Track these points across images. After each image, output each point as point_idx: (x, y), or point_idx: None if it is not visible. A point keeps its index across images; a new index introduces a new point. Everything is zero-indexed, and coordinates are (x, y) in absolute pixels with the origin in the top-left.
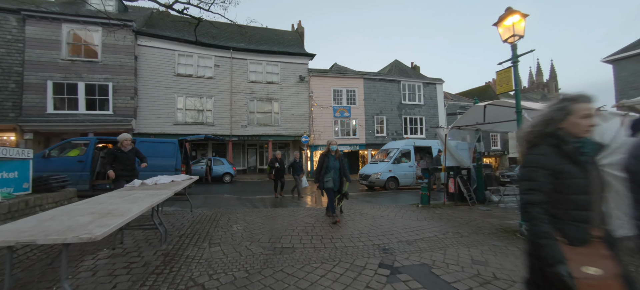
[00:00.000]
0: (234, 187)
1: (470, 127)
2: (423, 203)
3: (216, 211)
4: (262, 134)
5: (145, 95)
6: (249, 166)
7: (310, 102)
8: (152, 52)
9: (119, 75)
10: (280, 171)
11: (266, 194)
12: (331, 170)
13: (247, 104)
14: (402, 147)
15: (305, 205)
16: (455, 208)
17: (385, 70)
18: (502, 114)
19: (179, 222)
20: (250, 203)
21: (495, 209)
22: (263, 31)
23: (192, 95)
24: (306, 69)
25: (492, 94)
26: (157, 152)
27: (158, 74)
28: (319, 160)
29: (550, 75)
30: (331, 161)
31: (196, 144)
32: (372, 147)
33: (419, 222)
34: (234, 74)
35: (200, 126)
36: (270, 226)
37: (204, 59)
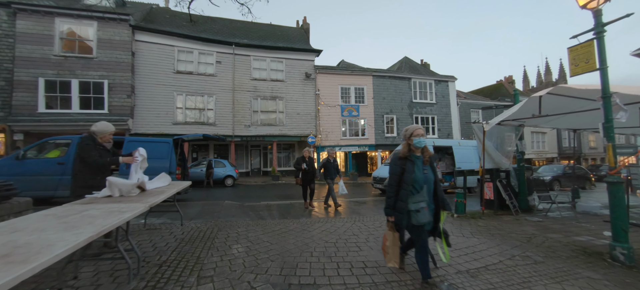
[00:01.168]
0: (236, 192)
1: (518, 121)
2: (459, 212)
3: (213, 224)
4: (266, 134)
5: (142, 93)
6: (252, 168)
7: (316, 101)
8: (150, 48)
9: (115, 73)
10: (309, 174)
11: (271, 199)
12: (421, 188)
13: (250, 103)
14: None
15: (321, 215)
16: (498, 218)
17: (394, 67)
18: (565, 104)
19: (163, 242)
20: (255, 212)
21: (547, 220)
22: (266, 27)
23: (192, 94)
24: (312, 65)
25: (504, 92)
26: (148, 153)
27: (156, 71)
28: (391, 167)
29: (559, 74)
30: (418, 170)
31: (197, 145)
32: (382, 148)
33: (467, 239)
34: (236, 71)
35: (201, 126)
36: (281, 247)
37: (204, 55)
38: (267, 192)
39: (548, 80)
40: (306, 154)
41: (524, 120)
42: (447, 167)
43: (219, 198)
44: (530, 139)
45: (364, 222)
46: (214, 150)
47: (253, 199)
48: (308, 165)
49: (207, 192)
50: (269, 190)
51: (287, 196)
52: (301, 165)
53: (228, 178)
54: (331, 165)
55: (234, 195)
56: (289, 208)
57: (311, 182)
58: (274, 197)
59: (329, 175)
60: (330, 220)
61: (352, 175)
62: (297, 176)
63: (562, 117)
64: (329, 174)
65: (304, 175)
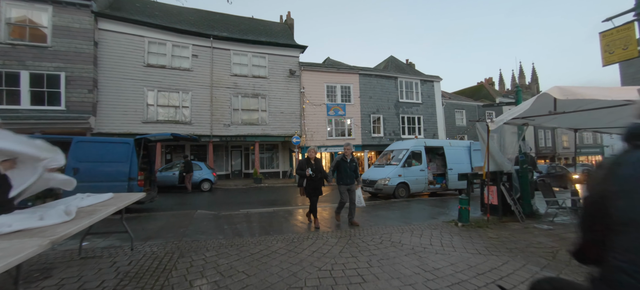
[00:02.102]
0: (213, 198)
1: (527, 119)
2: (463, 220)
3: (175, 246)
4: (248, 134)
5: (107, 88)
6: (232, 170)
7: (301, 99)
8: (117, 39)
9: (74, 64)
10: (316, 181)
11: (252, 205)
12: None
13: (230, 100)
14: (412, 147)
15: (312, 229)
16: (505, 226)
17: (380, 66)
18: (585, 101)
19: (97, 280)
20: (231, 225)
21: (557, 227)
22: (248, 21)
23: (165, 90)
24: (297, 62)
25: (485, 93)
26: (102, 156)
27: (124, 63)
28: None
29: (532, 77)
30: None
31: (171, 147)
32: (369, 149)
33: (484, 256)
34: (215, 65)
35: (176, 125)
36: (261, 280)
37: (179, 48)
38: (248, 197)
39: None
40: (311, 154)
41: (530, 119)
42: (438, 167)
43: (191, 206)
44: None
45: (362, 238)
46: (191, 152)
47: (231, 206)
48: (315, 171)
49: (180, 198)
50: (250, 195)
51: (270, 202)
52: (305, 171)
53: (205, 182)
54: (347, 166)
55: (209, 202)
56: (272, 217)
57: (319, 192)
58: (255, 203)
59: (343, 179)
60: (321, 237)
61: None
62: (300, 185)
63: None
64: (343, 178)
65: (310, 183)
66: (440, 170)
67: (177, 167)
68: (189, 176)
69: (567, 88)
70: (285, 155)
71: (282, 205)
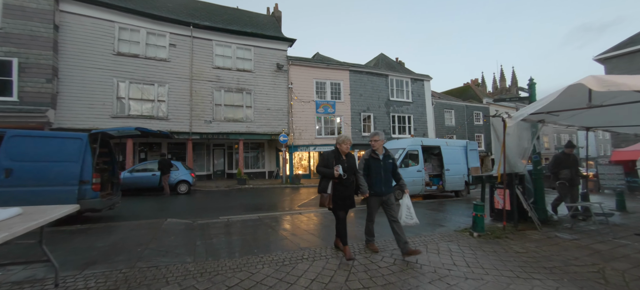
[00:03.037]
0: (190, 201)
1: (544, 116)
2: (479, 230)
3: (120, 278)
4: (231, 131)
5: (70, 78)
6: (215, 170)
7: (289, 95)
8: (82, 22)
9: (29, 50)
10: (348, 188)
11: (234, 211)
12: None
13: (212, 95)
14: (408, 147)
15: (298, 239)
16: (524, 236)
17: (371, 63)
18: (627, 95)
19: None
20: (206, 238)
21: (582, 236)
22: (232, 11)
23: (138, 81)
24: (285, 56)
25: (472, 93)
26: (46, 154)
27: (90, 51)
28: None
29: (512, 81)
30: None
31: (147, 144)
32: (359, 148)
33: (526, 281)
34: (195, 56)
35: (151, 121)
36: None
37: (155, 36)
38: (230, 200)
39: (502, 86)
40: (343, 147)
41: (554, 114)
42: (434, 168)
43: (162, 213)
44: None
45: (370, 257)
46: (168, 150)
47: (210, 212)
48: (347, 171)
49: (152, 203)
50: (233, 198)
51: (255, 206)
52: (334, 170)
53: (181, 184)
54: (380, 165)
55: (185, 206)
56: (256, 228)
57: (350, 203)
58: (238, 208)
59: (375, 186)
60: (319, 257)
61: None
62: (323, 191)
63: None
64: (375, 185)
65: (339, 189)
66: (436, 171)
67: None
68: (165, 177)
69: (606, 78)
70: (271, 155)
71: (268, 210)
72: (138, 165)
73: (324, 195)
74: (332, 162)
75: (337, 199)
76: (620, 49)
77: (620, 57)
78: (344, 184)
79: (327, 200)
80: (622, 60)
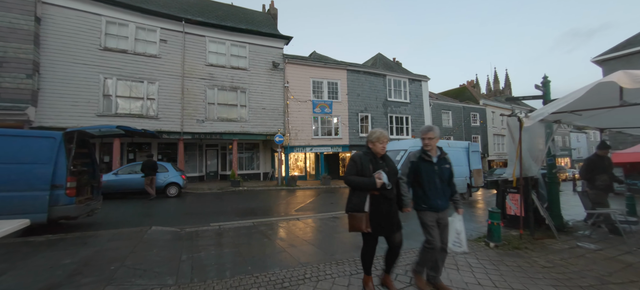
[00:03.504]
0: (179, 206)
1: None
2: (495, 240)
3: None
4: (225, 131)
5: (52, 73)
6: (207, 172)
7: (285, 95)
8: (66, 15)
9: (7, 42)
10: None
11: (227, 216)
12: None
13: (204, 93)
14: (410, 148)
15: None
16: (544, 246)
17: (368, 63)
18: None
19: None
20: (192, 253)
21: (605, 246)
22: (227, 7)
23: (126, 78)
24: (281, 54)
25: (468, 95)
26: (12, 154)
27: (74, 45)
28: None
29: (505, 83)
30: None
31: (136, 144)
32: (356, 149)
33: None
34: (187, 53)
35: (140, 119)
36: None
37: (145, 31)
38: (223, 204)
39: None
40: (379, 146)
41: (565, 116)
42: None
43: (148, 219)
44: (493, 141)
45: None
46: (159, 151)
47: (200, 217)
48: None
49: (139, 207)
50: (226, 201)
51: (249, 211)
52: (375, 178)
53: (171, 186)
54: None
55: (174, 211)
56: (250, 236)
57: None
58: (230, 213)
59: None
60: (323, 277)
61: (324, 179)
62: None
63: None
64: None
65: (379, 204)
66: None
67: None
68: (149, 179)
69: (637, 73)
70: (266, 156)
71: (264, 215)
72: (125, 167)
73: (358, 215)
74: (368, 167)
75: (378, 220)
76: (618, 51)
77: (617, 59)
78: (386, 197)
79: (363, 221)
80: (620, 62)
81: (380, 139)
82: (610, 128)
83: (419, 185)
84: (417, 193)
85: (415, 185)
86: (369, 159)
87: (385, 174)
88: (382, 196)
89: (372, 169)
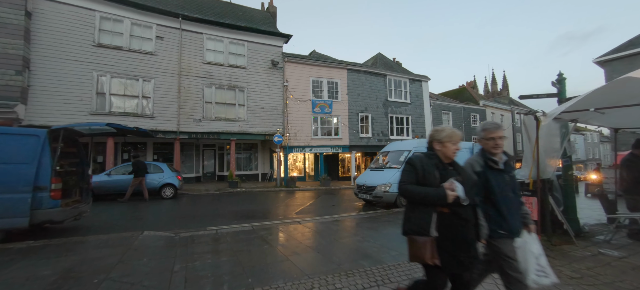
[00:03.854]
0: (175, 207)
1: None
2: None
3: None
4: (223, 131)
5: (43, 70)
6: (205, 172)
7: (284, 94)
8: (58, 10)
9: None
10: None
11: (225, 219)
12: None
13: (201, 92)
14: (415, 148)
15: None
16: (565, 254)
17: (369, 63)
18: None
19: None
20: (187, 262)
21: (629, 253)
22: (225, 5)
23: (120, 76)
24: (280, 52)
25: (468, 95)
26: None
27: (67, 41)
28: None
29: (503, 84)
30: None
31: (131, 144)
32: (356, 150)
33: None
34: (184, 50)
35: (135, 118)
36: None
37: (140, 27)
38: (220, 206)
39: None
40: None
41: (582, 114)
42: None
43: (141, 222)
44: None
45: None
46: (154, 150)
47: (197, 220)
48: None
49: (133, 210)
50: (223, 204)
51: (248, 213)
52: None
53: (166, 187)
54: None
55: (169, 214)
56: (250, 242)
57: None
58: (228, 216)
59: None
60: (329, 284)
61: (324, 180)
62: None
63: None
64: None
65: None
66: None
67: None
68: (138, 181)
69: None
70: (265, 156)
71: (263, 218)
72: (118, 167)
73: (421, 240)
74: (433, 174)
75: (449, 248)
76: (620, 52)
77: (620, 59)
78: (460, 217)
79: (427, 249)
80: (622, 62)
81: (452, 138)
82: (625, 128)
83: (490, 204)
84: (488, 214)
85: (486, 203)
86: (434, 164)
87: (460, 184)
88: (454, 215)
89: (439, 178)
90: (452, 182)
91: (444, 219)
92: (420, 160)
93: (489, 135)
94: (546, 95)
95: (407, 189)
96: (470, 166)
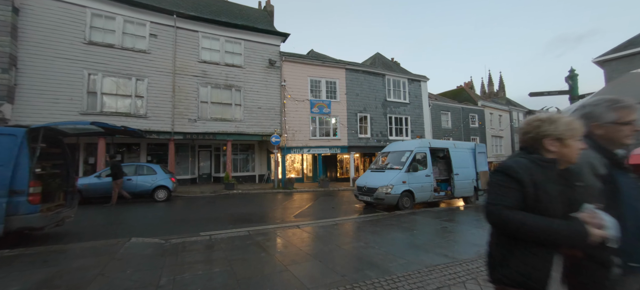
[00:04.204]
0: (168, 210)
1: None
2: None
3: None
4: (219, 131)
5: (31, 68)
6: (200, 174)
7: (282, 94)
8: (47, 6)
9: None
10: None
11: (220, 223)
12: None
13: (197, 91)
14: (416, 149)
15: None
16: None
17: (367, 62)
18: None
19: None
20: (175, 274)
21: None
22: (221, 3)
23: (113, 74)
24: (278, 51)
25: (467, 96)
26: None
27: (56, 38)
28: None
29: (499, 85)
30: None
31: (125, 145)
32: (355, 150)
33: None
34: (178, 49)
35: (128, 118)
36: None
37: (133, 24)
38: (215, 208)
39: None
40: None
41: None
42: (441, 172)
43: (128, 228)
44: (491, 143)
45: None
46: (148, 151)
47: (190, 225)
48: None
49: (122, 213)
50: (219, 206)
51: (244, 217)
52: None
53: (160, 190)
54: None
55: (161, 218)
56: (245, 249)
57: None
58: (223, 220)
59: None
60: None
61: (322, 181)
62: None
63: None
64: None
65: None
66: (443, 176)
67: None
68: (120, 183)
69: None
70: (262, 157)
71: (260, 222)
72: (108, 169)
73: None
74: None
75: None
76: (619, 52)
77: (619, 59)
78: (602, 265)
79: None
80: (622, 62)
81: (575, 131)
82: None
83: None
84: None
85: None
86: (553, 179)
87: (609, 216)
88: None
89: (569, 204)
90: (596, 213)
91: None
92: (528, 171)
93: (626, 117)
94: (557, 92)
95: (509, 218)
96: (590, 167)
